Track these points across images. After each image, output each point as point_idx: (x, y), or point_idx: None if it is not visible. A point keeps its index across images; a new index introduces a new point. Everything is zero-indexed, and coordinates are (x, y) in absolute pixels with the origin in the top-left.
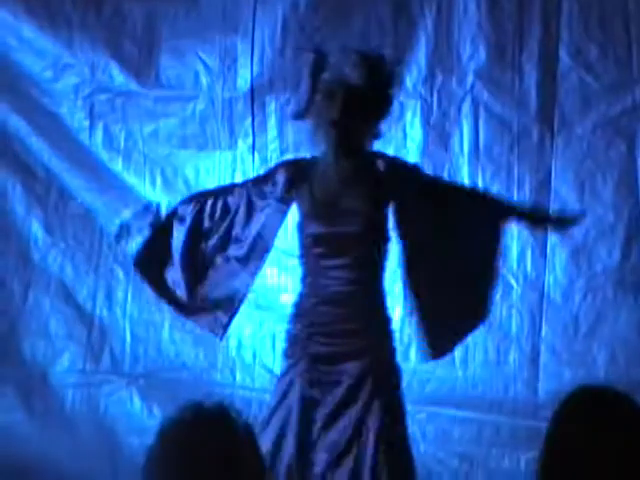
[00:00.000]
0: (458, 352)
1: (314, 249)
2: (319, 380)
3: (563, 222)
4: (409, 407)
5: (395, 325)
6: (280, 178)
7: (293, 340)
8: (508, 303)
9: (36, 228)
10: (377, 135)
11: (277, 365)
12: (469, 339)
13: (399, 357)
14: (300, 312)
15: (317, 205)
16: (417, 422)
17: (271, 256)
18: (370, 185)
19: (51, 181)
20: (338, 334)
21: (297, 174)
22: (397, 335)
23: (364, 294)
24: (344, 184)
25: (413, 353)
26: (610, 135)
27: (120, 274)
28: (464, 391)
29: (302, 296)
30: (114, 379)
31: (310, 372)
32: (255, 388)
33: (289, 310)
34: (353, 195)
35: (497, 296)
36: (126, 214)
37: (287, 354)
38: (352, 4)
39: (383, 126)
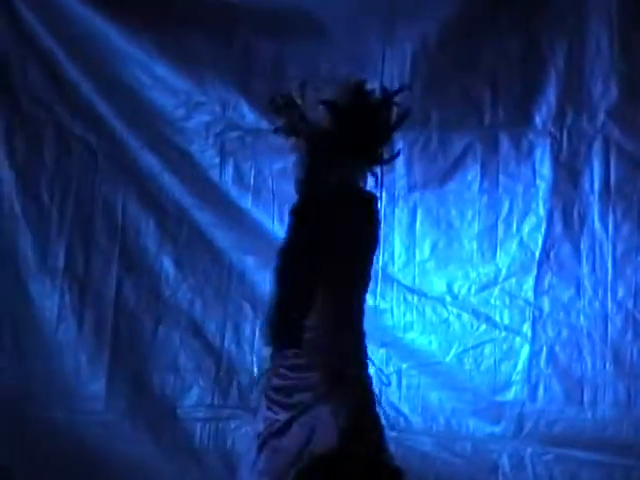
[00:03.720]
0: (587, 393)
1: None
2: None
3: None
4: (536, 447)
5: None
6: None
7: None
8: (638, 344)
9: (167, 264)
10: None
11: (403, 403)
12: (598, 379)
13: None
14: None
15: None
16: (544, 463)
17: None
18: None
19: (182, 217)
20: None
21: None
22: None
23: None
24: None
25: (541, 393)
26: None
27: (248, 309)
28: (593, 433)
29: None
30: (242, 414)
31: None
32: None
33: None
34: None
35: (628, 336)
36: None
37: None
38: (481, 41)
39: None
